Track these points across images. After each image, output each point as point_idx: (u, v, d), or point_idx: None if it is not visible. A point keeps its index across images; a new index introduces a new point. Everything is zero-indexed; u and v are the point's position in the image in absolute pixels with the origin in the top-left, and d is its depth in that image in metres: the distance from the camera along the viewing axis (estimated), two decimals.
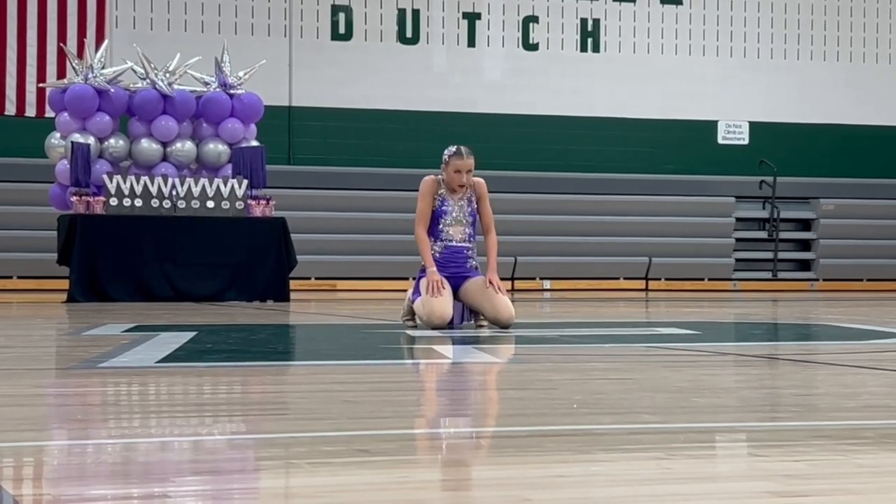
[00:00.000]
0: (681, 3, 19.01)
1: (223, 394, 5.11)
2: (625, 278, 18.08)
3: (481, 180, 8.67)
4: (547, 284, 17.50)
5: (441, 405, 4.54)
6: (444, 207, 8.58)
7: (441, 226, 8.57)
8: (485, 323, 8.49)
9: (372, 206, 17.45)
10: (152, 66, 13.56)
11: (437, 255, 8.53)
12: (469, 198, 8.62)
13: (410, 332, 8.15)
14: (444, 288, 8.28)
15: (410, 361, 6.29)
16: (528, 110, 18.38)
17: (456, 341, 7.36)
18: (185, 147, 13.66)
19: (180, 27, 17.24)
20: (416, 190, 17.59)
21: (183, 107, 13.58)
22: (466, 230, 8.59)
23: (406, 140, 18.02)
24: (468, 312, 8.62)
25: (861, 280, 18.77)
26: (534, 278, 17.55)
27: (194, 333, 7.86)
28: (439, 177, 8.62)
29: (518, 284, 16.94)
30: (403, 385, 5.28)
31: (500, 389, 5.22)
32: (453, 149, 8.57)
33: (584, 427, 4.00)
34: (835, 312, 11.93)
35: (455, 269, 8.53)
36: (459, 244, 8.56)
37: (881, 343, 7.60)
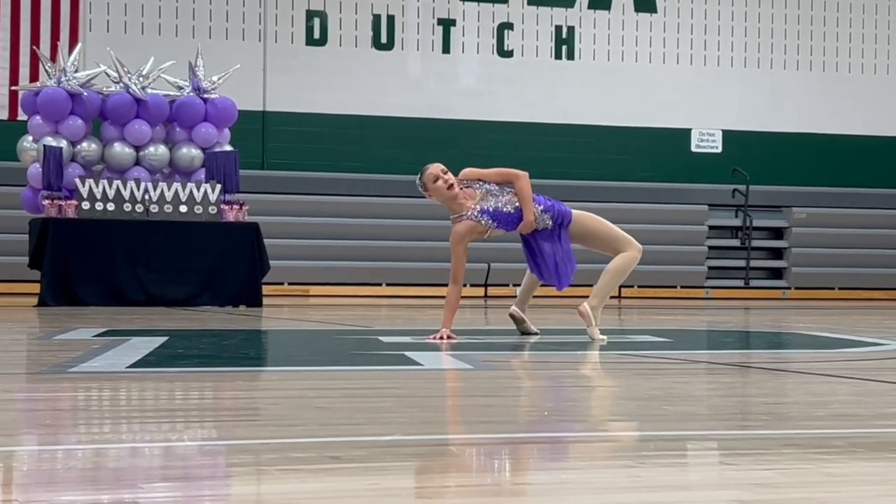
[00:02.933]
0: (655, 11, 19.07)
1: (194, 399, 5.09)
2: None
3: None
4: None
5: (412, 412, 4.53)
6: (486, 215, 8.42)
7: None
8: (533, 329, 8.50)
9: (345, 212, 17.44)
10: (126, 69, 13.52)
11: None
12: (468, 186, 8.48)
13: (383, 339, 8.15)
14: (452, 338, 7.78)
15: (382, 368, 6.28)
16: (503, 117, 18.39)
17: (429, 347, 7.36)
18: (158, 151, 13.62)
19: (154, 31, 17.19)
20: (392, 196, 17.40)
21: (156, 111, 13.54)
22: (501, 197, 8.63)
23: (380, 146, 18.01)
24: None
25: (833, 289, 18.84)
26: (507, 285, 17.54)
27: (166, 338, 7.84)
28: (468, 216, 8.37)
29: (491, 291, 16.93)
30: (375, 391, 5.28)
31: (471, 396, 5.23)
32: (417, 182, 8.34)
33: (554, 435, 4.01)
34: (806, 321, 11.97)
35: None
36: (505, 209, 8.56)
37: (851, 352, 7.64)
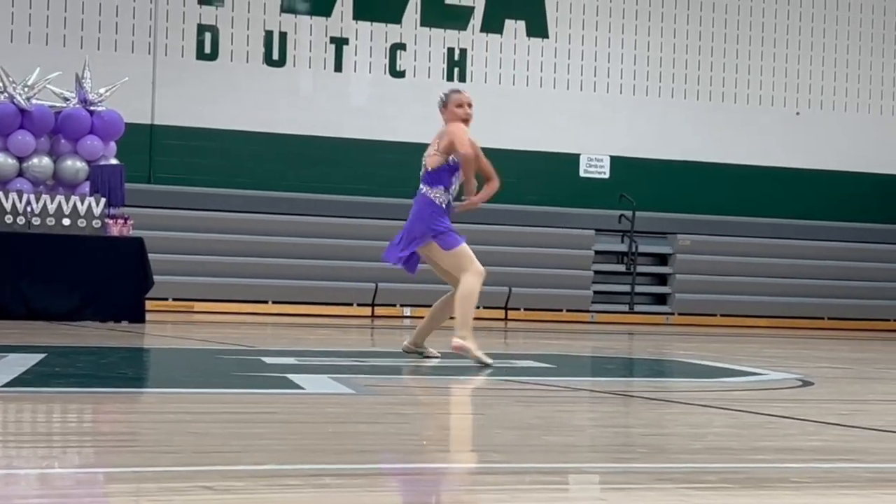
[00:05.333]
0: (547, 37, 19.23)
1: (72, 423, 5.01)
2: (485, 307, 18.15)
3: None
4: (407, 311, 17.51)
5: (290, 439, 4.50)
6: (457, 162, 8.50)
7: (453, 179, 8.67)
8: (433, 353, 8.41)
9: (232, 228, 17.31)
10: (10, 79, 13.30)
11: (444, 206, 8.68)
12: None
13: (266, 360, 8.09)
14: None
15: (263, 391, 6.23)
16: (394, 137, 18.40)
17: (312, 370, 7.33)
18: (42, 163, 13.40)
19: (41, 41, 16.94)
20: (279, 213, 17.42)
21: (41, 122, 13.33)
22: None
23: (270, 162, 17.91)
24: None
25: (715, 315, 19.11)
26: (394, 304, 17.55)
27: (44, 356, 7.70)
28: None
29: (378, 311, 16.91)
30: (253, 417, 5.23)
31: (351, 423, 5.20)
32: (446, 90, 8.81)
33: (430, 466, 4.00)
34: (688, 348, 12.13)
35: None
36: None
37: (730, 381, 7.75)
